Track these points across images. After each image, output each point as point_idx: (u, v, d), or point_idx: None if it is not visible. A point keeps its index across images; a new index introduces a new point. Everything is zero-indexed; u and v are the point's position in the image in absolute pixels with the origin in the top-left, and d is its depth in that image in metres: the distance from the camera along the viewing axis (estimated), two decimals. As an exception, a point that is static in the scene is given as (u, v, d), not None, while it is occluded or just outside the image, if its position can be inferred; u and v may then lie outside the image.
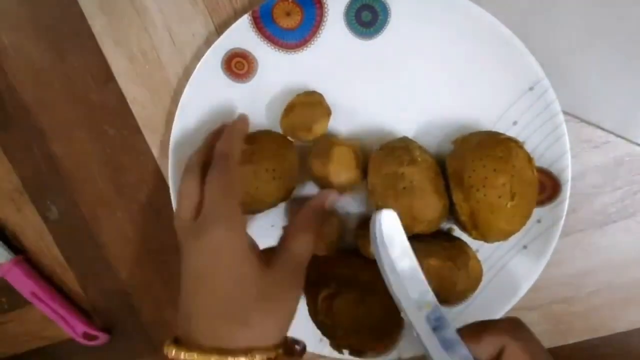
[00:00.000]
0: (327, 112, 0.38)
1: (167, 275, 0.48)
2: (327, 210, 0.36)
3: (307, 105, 0.37)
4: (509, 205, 0.32)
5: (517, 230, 0.34)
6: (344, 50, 0.38)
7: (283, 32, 0.38)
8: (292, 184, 0.38)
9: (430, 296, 0.30)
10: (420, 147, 0.36)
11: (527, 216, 0.34)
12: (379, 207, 0.35)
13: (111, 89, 0.43)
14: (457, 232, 0.39)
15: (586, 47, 0.37)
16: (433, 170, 0.35)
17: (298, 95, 0.38)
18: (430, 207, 0.34)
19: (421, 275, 0.31)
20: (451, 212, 0.35)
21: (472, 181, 0.33)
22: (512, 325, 0.30)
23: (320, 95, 0.38)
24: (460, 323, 0.40)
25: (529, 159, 0.33)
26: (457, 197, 0.34)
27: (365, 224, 0.37)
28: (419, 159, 0.34)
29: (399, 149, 0.35)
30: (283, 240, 0.34)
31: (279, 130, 0.39)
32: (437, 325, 0.29)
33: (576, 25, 0.37)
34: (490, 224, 0.33)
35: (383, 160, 0.35)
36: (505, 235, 0.34)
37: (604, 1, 0.36)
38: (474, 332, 0.30)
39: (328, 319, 0.37)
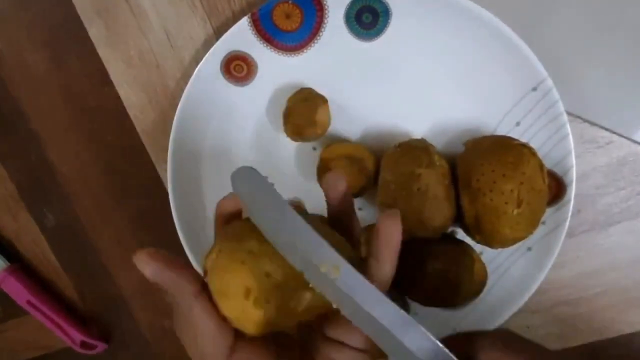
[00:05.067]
0: (322, 99, 0.37)
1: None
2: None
3: (301, 101, 0.37)
4: (515, 212, 0.32)
5: (522, 238, 0.33)
6: (345, 52, 0.38)
7: (283, 35, 0.38)
8: None
9: (332, 254, 0.22)
10: (438, 152, 0.35)
11: (534, 225, 0.33)
12: (383, 204, 0.34)
13: (108, 93, 0.42)
14: (461, 235, 0.39)
15: (590, 47, 0.37)
16: (447, 178, 0.34)
17: (289, 98, 0.38)
18: (439, 214, 0.33)
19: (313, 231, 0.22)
20: (457, 215, 0.35)
21: (479, 185, 0.32)
22: (503, 340, 0.26)
23: (310, 88, 0.38)
24: (464, 327, 0.40)
25: (541, 167, 0.32)
26: (464, 199, 0.34)
27: (368, 226, 0.36)
28: (437, 163, 0.34)
29: (418, 149, 0.35)
30: None
31: (284, 135, 0.38)
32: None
33: (580, 25, 0.37)
34: (495, 229, 0.32)
35: (400, 158, 0.34)
36: (508, 242, 0.34)
37: (607, 1, 0.36)
38: (467, 345, 0.25)
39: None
